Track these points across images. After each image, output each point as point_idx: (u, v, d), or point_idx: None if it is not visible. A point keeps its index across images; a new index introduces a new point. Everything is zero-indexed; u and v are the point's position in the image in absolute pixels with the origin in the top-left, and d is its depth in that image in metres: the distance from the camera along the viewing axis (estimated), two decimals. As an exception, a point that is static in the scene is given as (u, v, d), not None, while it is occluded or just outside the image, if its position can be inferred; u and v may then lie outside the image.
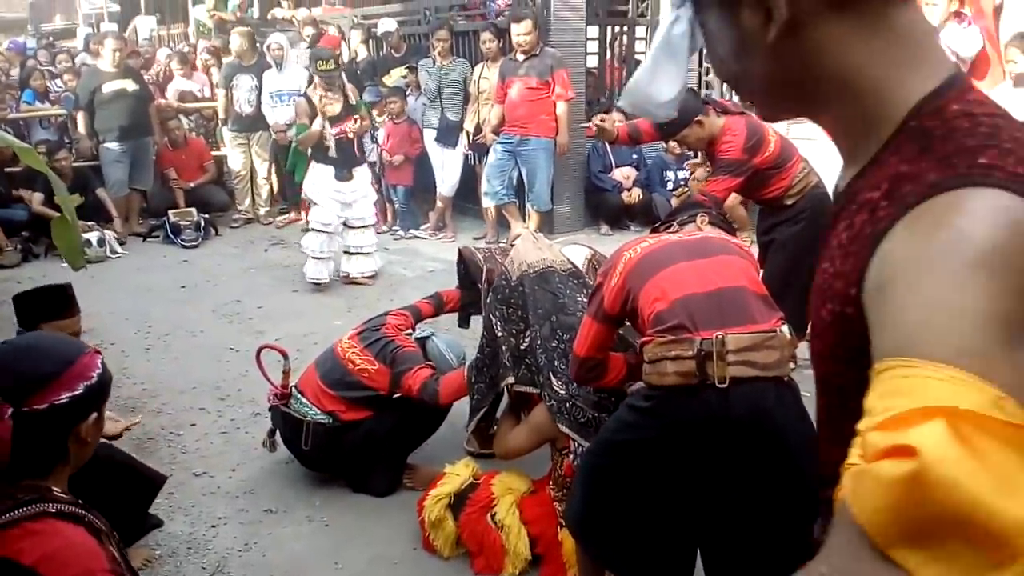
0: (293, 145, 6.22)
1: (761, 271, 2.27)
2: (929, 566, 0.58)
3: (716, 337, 1.93)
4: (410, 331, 3.44)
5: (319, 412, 3.20)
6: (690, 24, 0.86)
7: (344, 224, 5.94)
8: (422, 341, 3.43)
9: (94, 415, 1.55)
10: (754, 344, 1.94)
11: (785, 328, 2.03)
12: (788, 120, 0.90)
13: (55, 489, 1.50)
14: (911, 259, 0.70)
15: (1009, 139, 0.73)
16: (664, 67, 0.90)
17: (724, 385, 1.91)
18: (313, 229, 5.92)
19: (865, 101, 0.80)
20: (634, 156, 7.37)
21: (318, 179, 5.84)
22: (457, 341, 3.63)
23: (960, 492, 0.56)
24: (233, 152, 7.97)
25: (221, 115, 8.09)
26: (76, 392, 1.49)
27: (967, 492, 0.56)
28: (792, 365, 2.03)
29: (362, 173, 6.00)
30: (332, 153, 5.73)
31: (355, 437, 3.20)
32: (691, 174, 6.72)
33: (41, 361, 1.50)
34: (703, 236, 2.37)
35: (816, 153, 6.35)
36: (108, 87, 7.47)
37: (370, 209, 6.12)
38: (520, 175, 6.78)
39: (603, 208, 7.31)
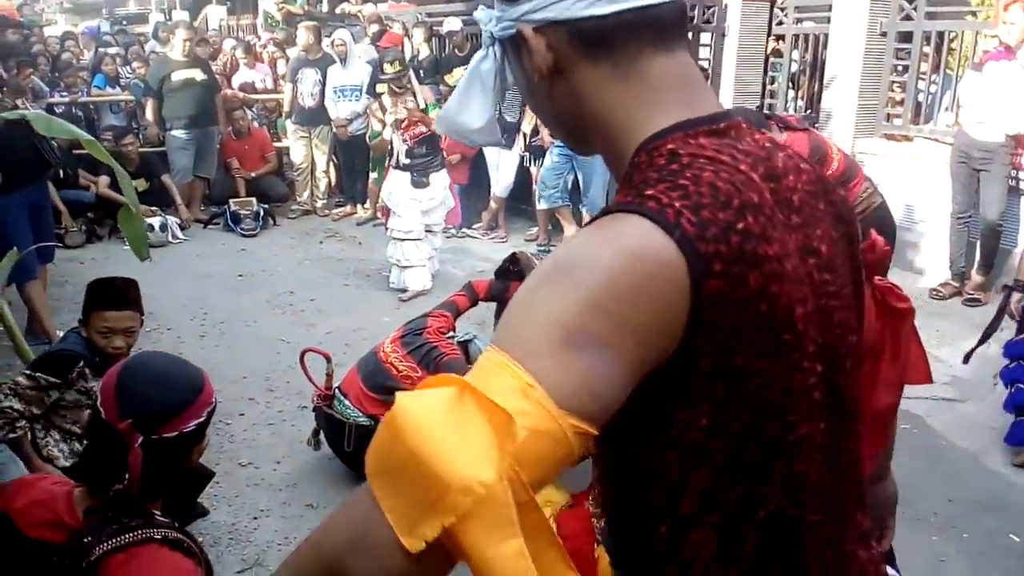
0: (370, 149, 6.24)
1: None
2: (389, 497, 0.72)
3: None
4: (452, 332, 3.44)
5: (361, 415, 3.23)
6: (497, 61, 0.95)
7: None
8: (464, 344, 3.43)
9: (207, 439, 1.58)
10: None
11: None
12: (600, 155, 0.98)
13: (157, 513, 1.51)
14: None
15: (691, 178, 0.81)
16: (472, 98, 0.99)
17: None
18: (394, 239, 5.80)
19: (617, 139, 0.90)
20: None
21: (396, 186, 5.75)
22: None
23: (419, 440, 0.70)
24: (295, 145, 8.08)
25: (286, 108, 8.22)
26: (202, 419, 1.52)
27: (426, 442, 0.70)
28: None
29: (439, 179, 5.86)
30: (403, 160, 5.71)
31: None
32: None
33: (175, 389, 1.50)
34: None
35: (883, 170, 6.18)
36: (177, 76, 7.64)
37: (442, 215, 6.06)
38: (576, 179, 6.76)
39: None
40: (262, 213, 7.72)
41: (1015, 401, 3.66)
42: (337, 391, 3.33)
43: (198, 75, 7.74)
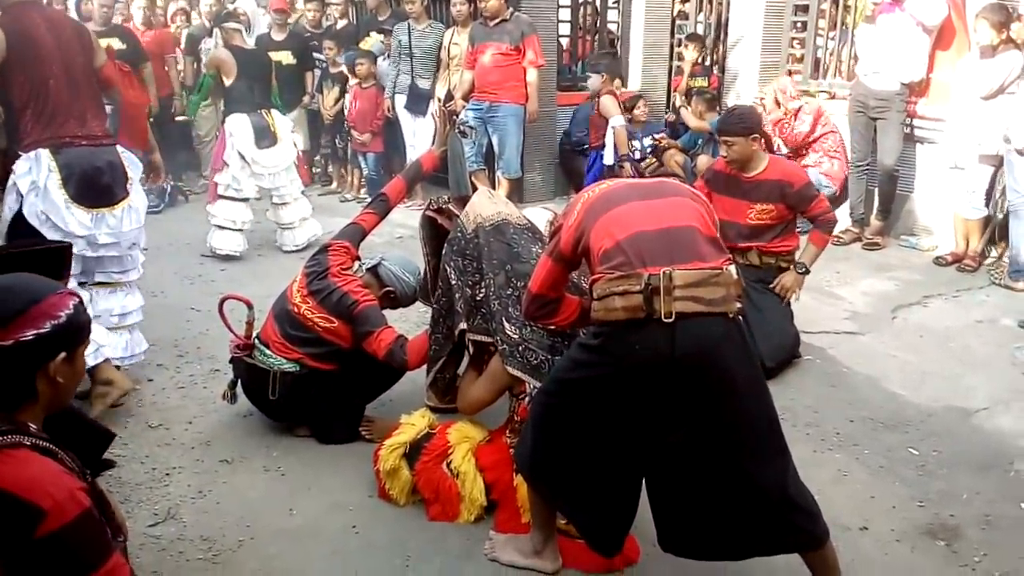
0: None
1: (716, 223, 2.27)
2: None
3: (663, 272, 1.94)
4: (357, 263, 3.38)
5: (285, 361, 3.17)
6: None
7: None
8: (374, 268, 3.39)
9: (63, 355, 1.56)
10: (700, 280, 1.95)
11: (732, 268, 2.04)
12: None
13: (31, 426, 1.55)
14: None
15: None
16: None
17: (671, 320, 1.92)
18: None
19: None
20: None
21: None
22: (409, 258, 3.57)
23: None
24: (201, 117, 7.82)
25: (188, 81, 7.95)
26: (42, 330, 1.52)
27: None
28: (738, 304, 2.04)
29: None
30: None
31: (321, 385, 3.19)
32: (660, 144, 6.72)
33: (8, 299, 1.53)
34: (660, 180, 2.37)
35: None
36: None
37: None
38: (490, 142, 6.75)
39: (576, 172, 7.27)
40: (168, 189, 7.46)
41: None
42: (257, 340, 3.27)
43: None
